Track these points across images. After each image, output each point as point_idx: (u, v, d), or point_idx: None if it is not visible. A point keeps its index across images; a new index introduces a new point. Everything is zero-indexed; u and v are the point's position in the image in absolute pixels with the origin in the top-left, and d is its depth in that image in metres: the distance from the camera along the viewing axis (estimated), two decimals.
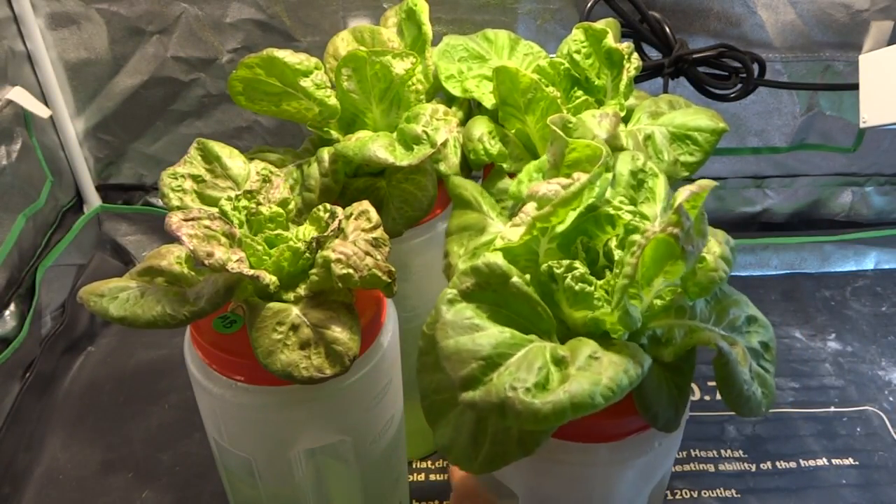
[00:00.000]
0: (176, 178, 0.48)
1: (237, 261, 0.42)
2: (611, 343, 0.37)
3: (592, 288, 0.38)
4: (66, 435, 0.77)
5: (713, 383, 0.83)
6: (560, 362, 0.35)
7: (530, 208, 0.40)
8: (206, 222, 0.43)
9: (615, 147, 0.48)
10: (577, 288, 0.37)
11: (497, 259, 0.38)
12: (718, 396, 0.82)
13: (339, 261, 0.43)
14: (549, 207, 0.37)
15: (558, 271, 0.38)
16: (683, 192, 0.35)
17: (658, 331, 0.40)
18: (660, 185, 0.43)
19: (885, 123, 0.67)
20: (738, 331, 0.42)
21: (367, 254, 0.44)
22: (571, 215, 0.40)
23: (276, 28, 0.80)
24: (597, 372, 0.34)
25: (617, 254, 0.40)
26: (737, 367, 0.38)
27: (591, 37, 0.55)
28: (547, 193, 0.38)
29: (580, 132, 0.44)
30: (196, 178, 0.49)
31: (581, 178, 0.38)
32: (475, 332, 0.35)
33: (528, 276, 0.39)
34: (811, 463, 0.74)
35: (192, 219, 0.42)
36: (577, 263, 0.38)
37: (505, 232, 0.42)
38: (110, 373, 0.84)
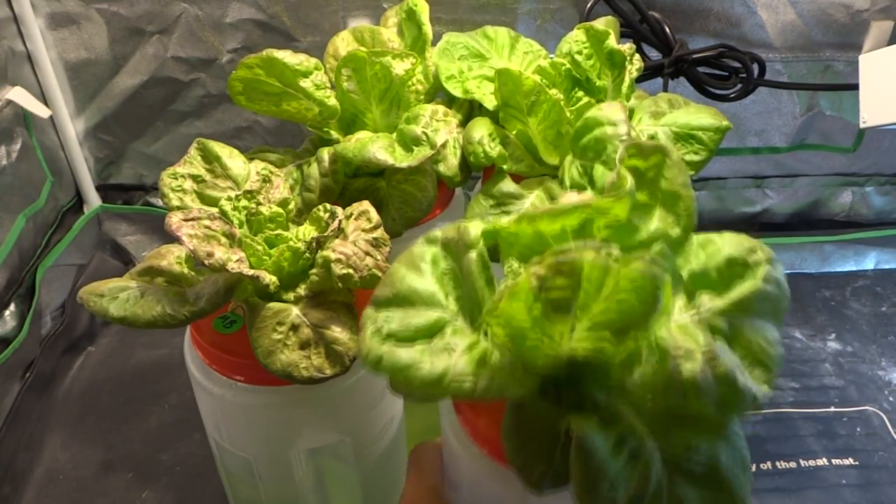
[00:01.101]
0: (176, 178, 0.48)
1: (237, 261, 0.42)
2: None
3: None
4: (66, 435, 0.77)
5: None
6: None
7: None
8: (206, 222, 0.43)
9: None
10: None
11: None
12: None
13: (339, 261, 0.43)
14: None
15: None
16: None
17: None
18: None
19: (885, 123, 0.67)
20: None
21: (367, 254, 0.44)
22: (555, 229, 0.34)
23: (276, 28, 0.80)
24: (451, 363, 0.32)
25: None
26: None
27: (592, 37, 0.55)
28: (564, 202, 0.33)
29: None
30: (196, 178, 0.49)
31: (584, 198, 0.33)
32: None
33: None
34: (811, 463, 0.74)
35: (192, 219, 0.42)
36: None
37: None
38: (110, 373, 0.84)
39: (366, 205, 0.47)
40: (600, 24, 0.57)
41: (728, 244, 0.33)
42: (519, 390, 0.32)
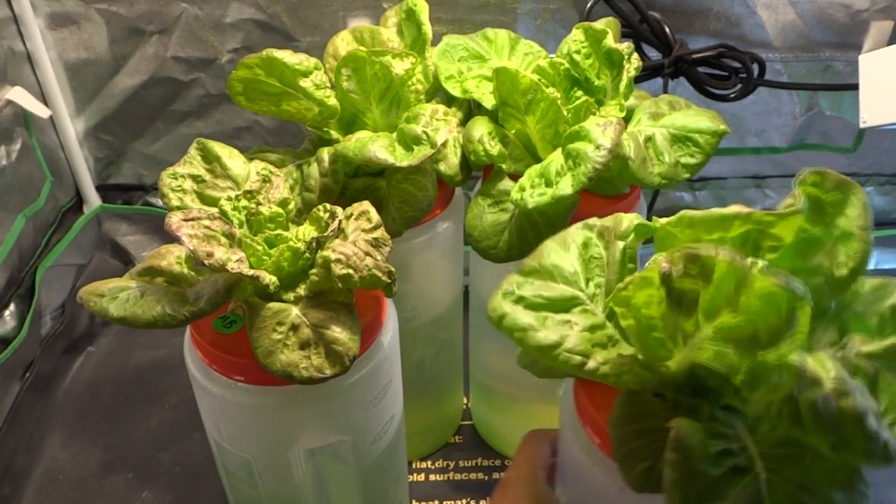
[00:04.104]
0: (176, 178, 0.48)
1: (237, 261, 0.42)
2: None
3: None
4: (66, 435, 0.77)
5: None
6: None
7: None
8: (206, 222, 0.43)
9: (618, 154, 0.48)
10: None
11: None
12: None
13: (338, 261, 0.43)
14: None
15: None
16: None
17: None
18: None
19: (885, 123, 0.67)
20: None
21: (367, 254, 0.44)
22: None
23: (276, 28, 0.80)
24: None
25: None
26: None
27: (590, 37, 0.55)
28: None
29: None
30: (196, 178, 0.49)
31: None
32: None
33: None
34: None
35: (192, 219, 0.42)
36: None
37: None
38: (110, 373, 0.84)
39: (366, 205, 0.47)
40: (600, 24, 0.57)
41: None
42: (632, 380, 0.33)
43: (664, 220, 0.34)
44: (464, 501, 0.72)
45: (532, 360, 0.40)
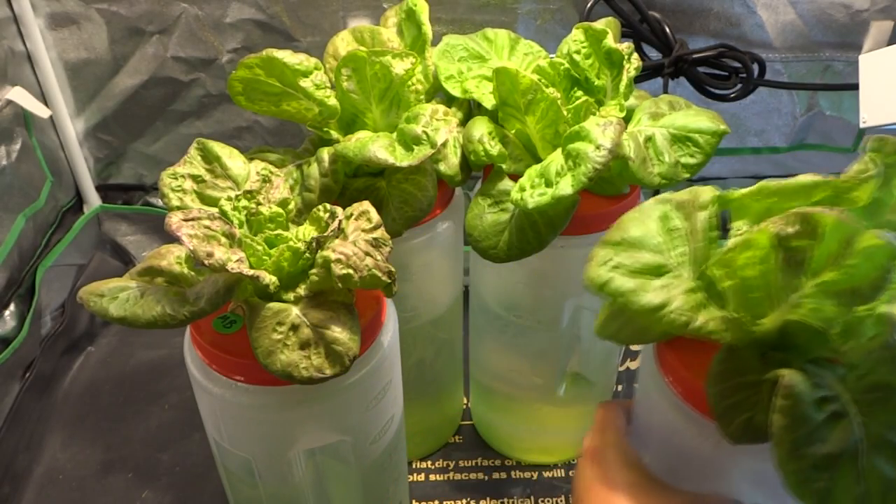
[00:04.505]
0: (176, 178, 0.48)
1: (237, 261, 0.42)
2: None
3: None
4: (66, 435, 0.77)
5: None
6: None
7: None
8: (206, 222, 0.43)
9: (618, 154, 0.48)
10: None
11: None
12: None
13: (338, 261, 0.43)
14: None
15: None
16: None
17: None
18: None
19: (885, 123, 0.67)
20: None
21: (367, 254, 0.44)
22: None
23: (276, 28, 0.80)
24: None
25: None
26: None
27: (590, 37, 0.55)
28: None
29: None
30: (196, 178, 0.49)
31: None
32: None
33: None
34: None
35: (192, 219, 0.42)
36: None
37: None
38: (110, 373, 0.84)
39: (366, 205, 0.47)
40: (600, 24, 0.57)
41: None
42: (730, 337, 0.35)
43: (744, 191, 0.38)
44: (464, 501, 0.72)
45: (617, 327, 0.41)
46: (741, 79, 0.74)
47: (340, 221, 0.45)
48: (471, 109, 0.60)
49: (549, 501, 0.71)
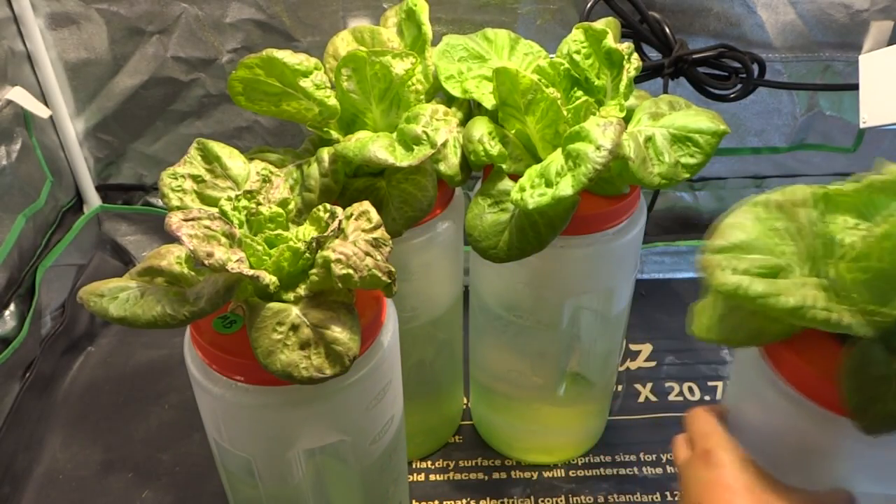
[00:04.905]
0: (176, 178, 0.48)
1: (237, 261, 0.42)
2: None
3: None
4: (66, 435, 0.77)
5: (713, 383, 0.83)
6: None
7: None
8: (206, 222, 0.43)
9: (618, 154, 0.48)
10: None
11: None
12: (719, 396, 0.82)
13: (339, 261, 0.43)
14: None
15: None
16: None
17: None
18: None
19: (885, 123, 0.67)
20: None
21: (367, 254, 0.44)
22: None
23: (276, 28, 0.80)
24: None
25: None
26: None
27: (590, 37, 0.55)
28: None
29: None
30: (196, 178, 0.49)
31: None
32: None
33: None
34: None
35: (192, 219, 0.42)
36: None
37: None
38: (110, 373, 0.84)
39: (366, 205, 0.47)
40: (600, 24, 0.57)
41: None
42: (868, 331, 0.36)
43: (847, 188, 0.40)
44: (464, 501, 0.72)
45: (730, 330, 0.42)
46: (741, 79, 0.74)
47: (340, 221, 0.45)
48: (471, 109, 0.60)
49: (549, 501, 0.71)
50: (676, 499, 0.71)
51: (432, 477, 0.74)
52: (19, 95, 0.78)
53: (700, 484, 0.42)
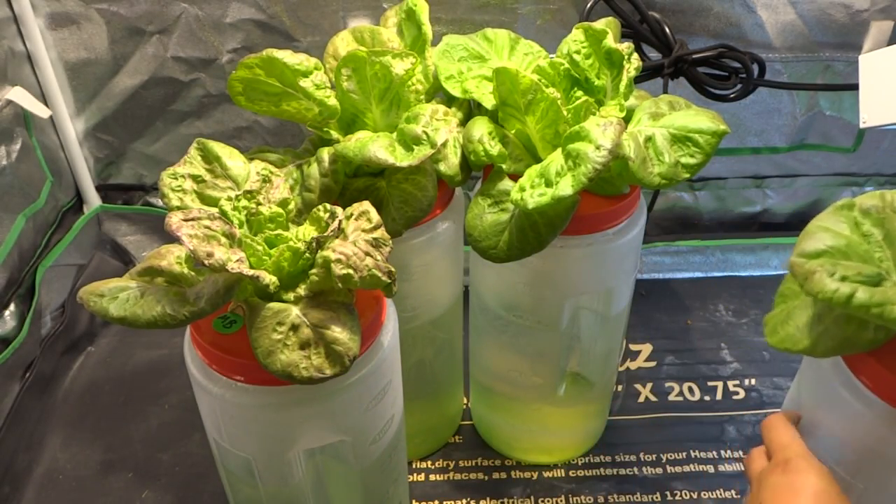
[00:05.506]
0: (176, 178, 0.48)
1: (237, 261, 0.42)
2: None
3: None
4: (66, 435, 0.77)
5: (713, 383, 0.83)
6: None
7: None
8: (206, 222, 0.43)
9: (618, 154, 0.48)
10: None
11: None
12: (719, 396, 0.82)
13: (338, 261, 0.43)
14: None
15: None
16: None
17: None
18: None
19: (885, 123, 0.67)
20: None
21: (367, 254, 0.44)
22: None
23: (276, 28, 0.80)
24: None
25: None
26: None
27: (590, 37, 0.55)
28: None
29: None
30: (196, 178, 0.49)
31: None
32: None
33: None
34: None
35: (192, 219, 0.42)
36: None
37: None
38: (110, 373, 0.84)
39: (366, 205, 0.47)
40: (600, 24, 0.57)
41: None
42: None
43: None
44: (464, 501, 0.72)
45: (814, 340, 0.42)
46: (741, 79, 0.74)
47: (340, 221, 0.45)
48: (471, 109, 0.60)
49: (549, 501, 0.71)
50: (676, 499, 0.71)
51: (432, 477, 0.74)
52: (19, 95, 0.78)
53: (777, 489, 0.42)
